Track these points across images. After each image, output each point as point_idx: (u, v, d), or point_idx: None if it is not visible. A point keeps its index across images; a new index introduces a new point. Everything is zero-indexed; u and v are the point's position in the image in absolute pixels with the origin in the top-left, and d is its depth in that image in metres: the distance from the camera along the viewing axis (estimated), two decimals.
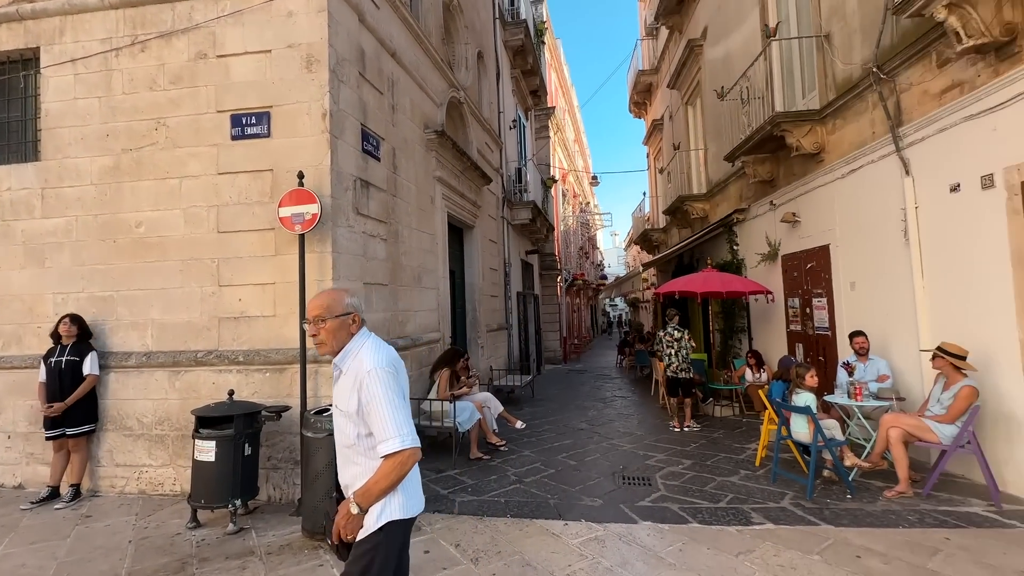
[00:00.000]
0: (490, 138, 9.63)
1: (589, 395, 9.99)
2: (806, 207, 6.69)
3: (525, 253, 12.82)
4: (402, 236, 5.49)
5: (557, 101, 19.90)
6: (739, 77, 7.58)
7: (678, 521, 3.65)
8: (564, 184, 21.43)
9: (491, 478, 4.73)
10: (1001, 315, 3.93)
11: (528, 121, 14.28)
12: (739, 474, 4.71)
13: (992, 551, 3.06)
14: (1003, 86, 3.82)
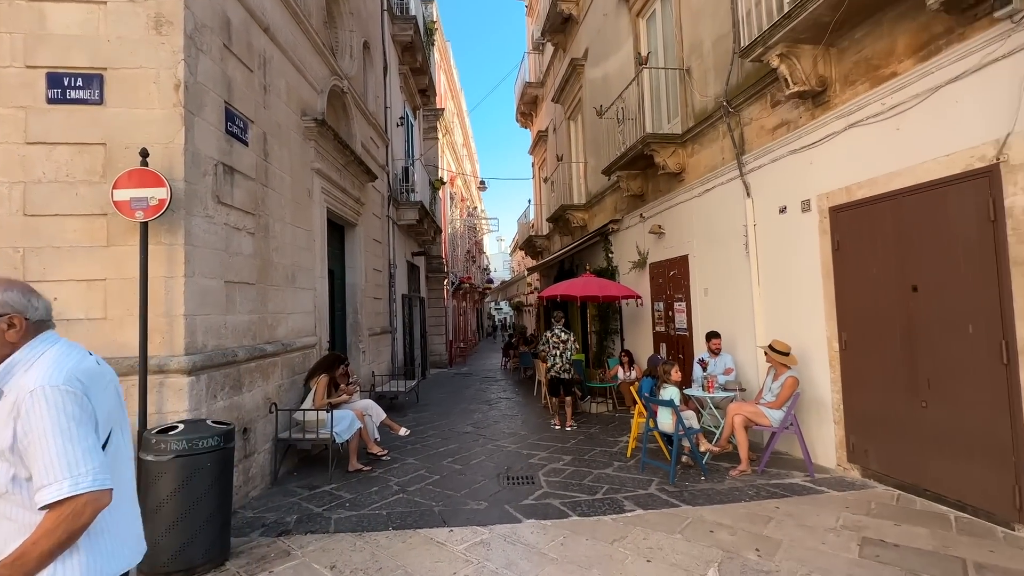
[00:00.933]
0: (376, 133, 9.22)
1: (475, 398, 10.02)
2: (670, 220, 7.45)
3: (411, 255, 12.49)
4: (274, 230, 4.98)
5: (446, 103, 19.80)
6: (616, 98, 8.22)
7: (560, 516, 3.78)
8: (452, 187, 21.36)
9: (372, 490, 4.47)
10: (814, 317, 4.74)
11: (416, 120, 13.98)
12: (613, 466, 5.04)
13: (809, 515, 3.65)
14: (817, 127, 4.63)
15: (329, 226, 6.84)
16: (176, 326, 3.53)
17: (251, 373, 4.39)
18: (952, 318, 3.55)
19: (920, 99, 3.69)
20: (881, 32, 3.97)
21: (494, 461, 5.37)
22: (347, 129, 7.40)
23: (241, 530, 3.59)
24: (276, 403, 4.77)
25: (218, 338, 3.90)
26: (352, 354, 7.74)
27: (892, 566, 2.88)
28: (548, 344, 7.13)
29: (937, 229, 3.63)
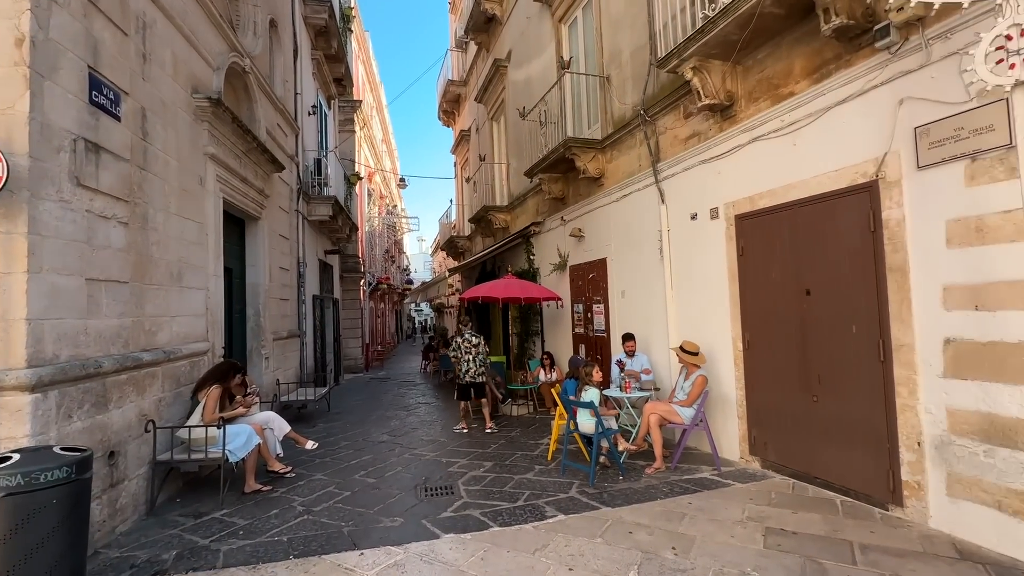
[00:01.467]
0: (284, 121, 8.48)
1: (392, 404, 9.58)
2: (590, 224, 7.60)
3: (324, 253, 11.70)
4: (155, 221, 4.32)
5: (364, 96, 18.92)
6: (538, 101, 8.25)
7: (480, 528, 3.62)
8: (370, 183, 20.47)
9: (271, 513, 4.01)
10: (721, 318, 5.02)
11: (331, 110, 13.15)
12: (534, 470, 4.98)
13: (718, 509, 3.80)
14: (725, 140, 4.90)
15: (227, 219, 6.14)
16: (15, 333, 2.89)
17: (121, 386, 3.75)
18: (839, 319, 3.88)
19: (813, 118, 4.01)
20: (781, 54, 4.27)
21: (411, 472, 5.09)
22: (249, 113, 6.71)
23: (102, 575, 3.02)
24: (154, 420, 4.13)
25: (75, 346, 3.27)
26: (253, 361, 7.03)
27: (792, 554, 3.05)
28: (460, 349, 7.01)
29: (827, 238, 3.96)
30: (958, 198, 3.09)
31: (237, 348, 6.74)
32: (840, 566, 2.89)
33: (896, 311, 3.46)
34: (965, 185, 3.05)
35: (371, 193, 20.62)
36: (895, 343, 3.48)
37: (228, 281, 6.40)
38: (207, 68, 5.46)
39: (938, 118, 3.15)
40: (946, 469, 3.21)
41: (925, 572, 2.79)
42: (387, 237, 22.54)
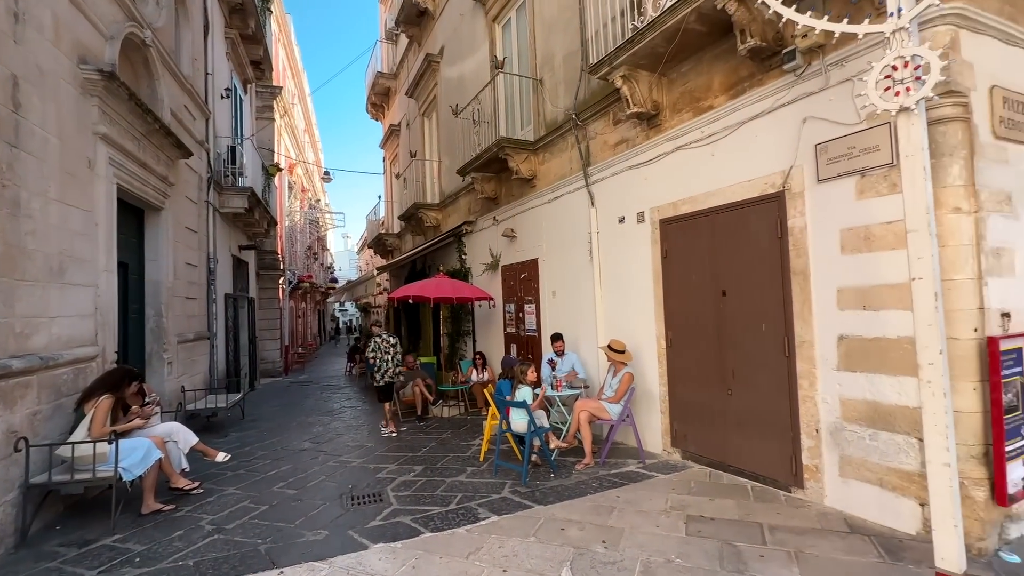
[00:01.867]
0: (192, 102, 7.73)
1: (314, 409, 9.07)
2: (522, 225, 7.66)
3: (239, 248, 10.83)
4: (29, 207, 3.75)
5: (285, 82, 17.80)
6: (472, 99, 8.19)
7: (411, 535, 3.50)
8: (291, 176, 19.30)
9: (174, 535, 3.62)
10: (646, 318, 5.25)
11: (248, 95, 12.21)
12: (466, 472, 4.92)
13: (644, 500, 3.97)
14: (651, 147, 5.13)
15: (124, 208, 5.49)
16: None
17: None
18: (751, 318, 4.20)
19: (730, 131, 4.30)
20: (702, 69, 4.55)
21: (336, 480, 4.84)
22: (151, 91, 6.04)
23: None
24: (27, 437, 3.58)
25: None
26: (153, 366, 6.34)
27: (712, 539, 3.25)
28: (379, 350, 6.86)
29: (741, 243, 4.27)
30: (850, 210, 3.45)
31: (134, 353, 6.05)
32: (752, 547, 3.12)
33: (799, 311, 3.80)
34: (856, 198, 3.42)
35: (292, 186, 19.44)
36: (798, 340, 3.82)
37: (124, 278, 5.72)
38: (98, 37, 4.84)
39: (834, 137, 3.50)
40: (839, 452, 3.57)
41: (821, 547, 3.08)
42: (309, 233, 21.34)
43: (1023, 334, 3.08)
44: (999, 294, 3.04)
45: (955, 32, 3.02)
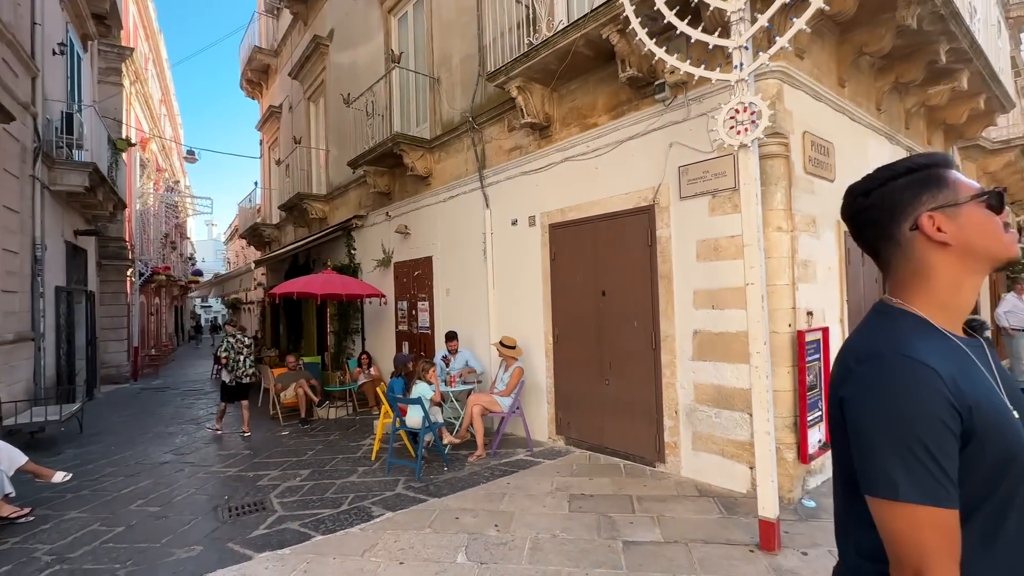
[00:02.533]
0: (13, 55, 6.43)
1: (175, 417, 8.11)
2: (416, 222, 7.64)
3: (75, 234, 9.20)
4: None
5: (138, 44, 15.44)
6: (365, 90, 7.94)
7: (300, 540, 3.39)
8: (145, 152, 16.81)
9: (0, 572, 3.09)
10: (536, 315, 5.61)
11: (88, 54, 10.39)
12: (358, 472, 4.83)
13: (532, 485, 4.28)
14: (543, 156, 5.49)
15: None
16: None
17: None
18: (626, 315, 4.73)
19: (611, 148, 4.79)
20: (589, 89, 4.99)
21: (208, 492, 4.45)
22: None
23: None
24: None
25: None
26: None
27: (590, 513, 3.64)
28: (232, 349, 6.56)
29: (619, 248, 4.79)
30: (704, 224, 4.08)
31: None
32: (623, 516, 3.56)
33: (664, 309, 4.39)
34: (709, 215, 4.05)
35: (145, 164, 16.94)
36: (663, 334, 4.41)
37: None
38: None
39: (693, 161, 4.10)
40: (692, 430, 4.20)
41: (677, 510, 3.63)
42: (167, 219, 18.73)
43: (821, 328, 3.92)
44: (806, 297, 3.84)
45: (780, 86, 3.74)
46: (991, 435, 0.76)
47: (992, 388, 0.81)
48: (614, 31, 4.08)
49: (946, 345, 0.83)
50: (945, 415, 0.75)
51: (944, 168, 0.89)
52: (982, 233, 0.86)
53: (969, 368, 0.81)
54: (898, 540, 0.76)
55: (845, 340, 0.98)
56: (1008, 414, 0.80)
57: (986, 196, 0.86)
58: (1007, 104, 6.10)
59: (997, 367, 0.87)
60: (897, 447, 0.76)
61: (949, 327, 0.87)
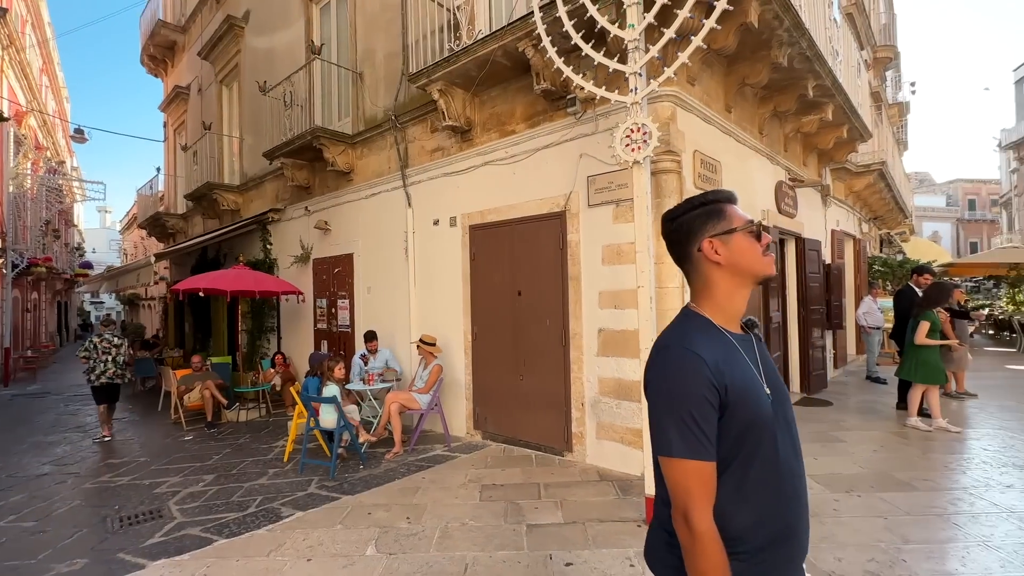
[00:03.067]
0: None
1: (57, 425, 7.35)
2: (337, 218, 7.48)
3: None
4: None
5: (12, 4, 13.62)
6: (284, 79, 7.64)
7: (201, 545, 3.29)
8: (22, 128, 14.86)
9: None
10: (456, 314, 5.74)
11: None
12: (268, 474, 4.71)
13: (447, 478, 4.41)
14: (464, 159, 5.63)
15: None
16: None
17: None
18: (539, 315, 4.99)
19: (528, 155, 5.04)
20: (508, 97, 5.20)
21: (95, 503, 4.15)
22: None
23: None
24: None
25: None
26: None
27: (500, 501, 3.84)
28: (97, 349, 6.29)
29: (534, 251, 5.04)
30: (609, 230, 4.43)
31: None
32: (530, 502, 3.80)
33: (573, 309, 4.70)
34: (612, 222, 4.41)
35: (22, 140, 14.98)
36: (572, 332, 4.72)
37: None
38: None
39: (600, 172, 4.44)
40: (596, 420, 4.55)
41: (580, 493, 3.94)
42: (48, 204, 16.65)
43: None
44: None
45: (674, 109, 4.16)
46: (742, 406, 1.03)
47: (749, 371, 1.08)
48: (529, 45, 4.31)
49: (719, 339, 1.09)
50: (707, 392, 1.00)
51: (725, 203, 1.15)
52: (746, 256, 1.11)
53: (733, 356, 1.07)
54: (673, 486, 1.00)
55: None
56: (760, 391, 1.07)
57: (751, 227, 1.12)
58: (865, 134, 7.12)
59: (761, 355, 1.15)
60: (673, 417, 1.00)
61: (727, 326, 1.13)
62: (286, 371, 7.63)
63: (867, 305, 8.07)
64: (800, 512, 1.08)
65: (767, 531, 1.04)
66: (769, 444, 1.05)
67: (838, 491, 3.77)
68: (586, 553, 3.03)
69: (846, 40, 6.28)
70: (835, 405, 6.48)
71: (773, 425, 1.06)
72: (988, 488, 3.77)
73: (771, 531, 1.04)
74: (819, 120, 6.04)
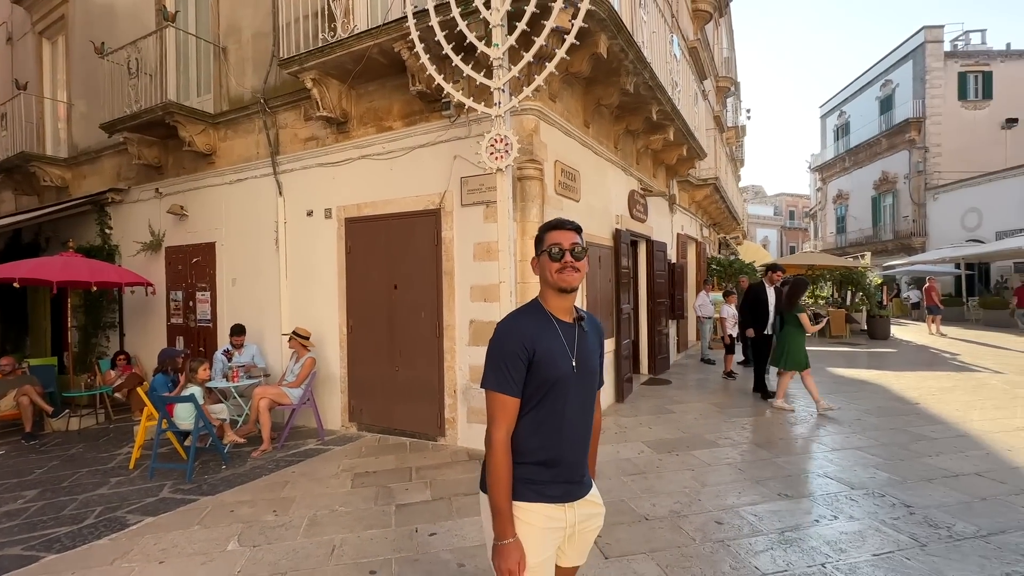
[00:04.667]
0: None
1: None
2: (195, 203, 6.87)
3: None
4: None
5: None
6: (128, 43, 6.77)
7: (23, 564, 2.97)
8: None
9: None
10: (330, 307, 5.69)
11: None
12: (109, 483, 4.29)
13: (319, 470, 4.43)
14: (341, 151, 5.58)
15: None
16: None
17: None
18: (415, 307, 5.19)
19: (404, 152, 5.18)
20: (385, 93, 5.28)
21: None
22: None
23: None
24: None
25: None
26: None
27: (371, 487, 4.00)
28: None
29: (410, 246, 5.21)
30: (480, 229, 4.78)
31: None
32: (401, 484, 4.02)
33: (447, 302, 4.98)
34: (483, 221, 4.75)
35: None
36: (445, 324, 5.00)
37: None
38: None
39: (472, 174, 4.75)
40: (467, 405, 4.89)
41: (448, 474, 4.24)
42: None
43: None
44: None
45: (537, 121, 4.62)
46: (544, 367, 1.44)
47: (559, 346, 1.47)
48: (405, 47, 4.45)
49: (542, 320, 1.50)
50: (518, 350, 1.43)
51: (552, 230, 1.54)
52: (545, 272, 1.52)
53: (548, 333, 1.48)
54: (487, 410, 1.43)
55: None
56: (561, 361, 1.47)
57: (550, 250, 1.51)
58: (701, 153, 8.41)
59: (579, 339, 1.53)
60: (493, 363, 1.44)
61: (557, 314, 1.52)
62: (131, 373, 6.84)
63: (701, 298, 9.55)
64: (570, 448, 1.50)
65: (544, 454, 1.47)
66: (560, 399, 1.46)
67: (662, 452, 4.56)
68: (449, 523, 3.34)
69: (685, 73, 7.37)
70: (673, 383, 7.63)
71: (567, 387, 1.46)
72: (768, 442, 4.85)
73: (547, 455, 1.47)
74: (663, 139, 7.03)
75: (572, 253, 1.49)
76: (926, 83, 21.36)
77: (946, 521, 3.17)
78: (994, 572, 2.61)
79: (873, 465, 4.18)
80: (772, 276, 6.87)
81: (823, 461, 4.33)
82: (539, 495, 1.46)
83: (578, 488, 1.53)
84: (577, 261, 1.49)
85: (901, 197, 22.82)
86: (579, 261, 1.49)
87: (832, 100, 29.39)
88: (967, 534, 3.00)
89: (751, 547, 2.92)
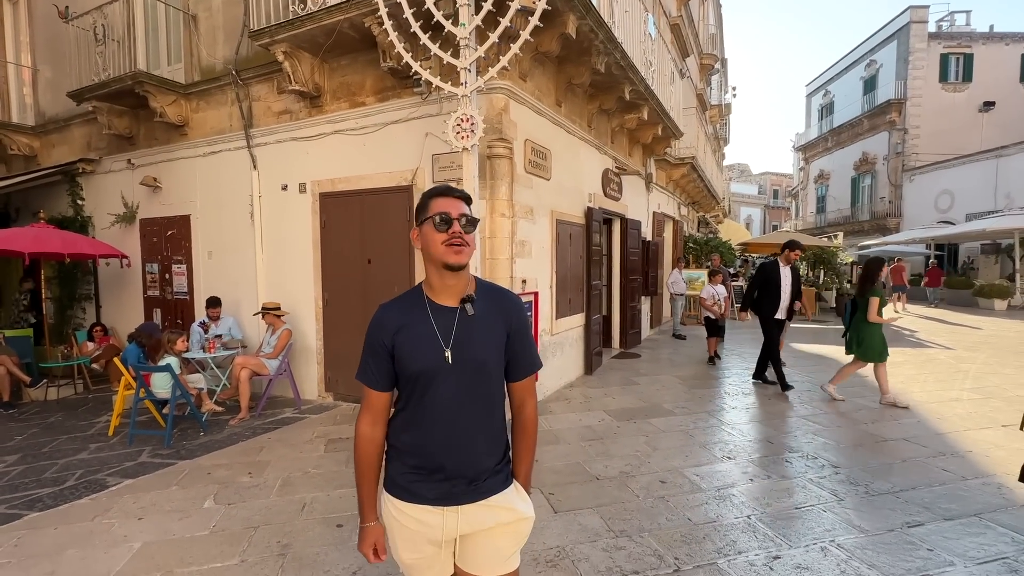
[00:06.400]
0: None
1: None
2: (169, 174, 6.83)
3: None
4: None
5: None
6: (93, 9, 6.59)
7: (7, 521, 3.15)
8: None
9: None
10: (306, 280, 5.80)
11: None
12: (89, 449, 4.45)
13: (294, 437, 4.63)
14: (314, 125, 5.59)
15: None
16: None
17: None
18: (388, 281, 5.32)
19: (377, 128, 5.22)
20: (358, 68, 5.28)
21: None
22: None
23: None
24: None
25: None
26: None
27: (343, 451, 4.22)
28: None
29: (383, 221, 5.31)
30: None
31: None
32: None
33: (418, 277, 5.12)
34: None
35: None
36: None
37: None
38: None
39: (443, 152, 4.84)
40: None
41: None
42: None
43: (533, 293, 5.17)
44: (521, 269, 5.01)
45: (507, 100, 4.70)
46: (407, 361, 1.31)
47: (428, 336, 1.31)
48: (375, 23, 4.46)
49: (414, 308, 1.34)
50: (377, 343, 1.34)
51: (431, 197, 1.31)
52: (428, 243, 1.30)
53: (415, 319, 1.33)
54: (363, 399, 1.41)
55: None
56: (430, 353, 1.30)
57: (434, 219, 1.28)
58: (676, 133, 8.53)
59: (461, 323, 1.33)
60: (364, 355, 1.38)
61: (439, 298, 1.34)
62: (108, 344, 6.91)
63: (674, 276, 9.82)
64: (446, 448, 1.33)
65: (416, 451, 1.35)
66: (429, 394, 1.31)
67: (622, 420, 4.84)
68: None
69: (661, 52, 7.42)
70: (643, 357, 7.94)
71: (435, 380, 1.30)
72: (721, 411, 5.16)
73: (419, 453, 1.35)
74: (637, 119, 7.13)
75: (460, 223, 1.29)
76: (909, 64, 21.53)
77: (866, 480, 3.49)
78: (896, 521, 2.93)
79: (813, 432, 4.51)
80: (789, 255, 5.81)
81: (769, 428, 4.65)
82: (409, 494, 1.34)
83: (467, 491, 1.33)
84: (466, 234, 1.29)
85: (879, 178, 23.24)
86: (468, 235, 1.30)
87: (818, 79, 29.47)
88: (882, 491, 3.32)
89: (688, 503, 3.21)
